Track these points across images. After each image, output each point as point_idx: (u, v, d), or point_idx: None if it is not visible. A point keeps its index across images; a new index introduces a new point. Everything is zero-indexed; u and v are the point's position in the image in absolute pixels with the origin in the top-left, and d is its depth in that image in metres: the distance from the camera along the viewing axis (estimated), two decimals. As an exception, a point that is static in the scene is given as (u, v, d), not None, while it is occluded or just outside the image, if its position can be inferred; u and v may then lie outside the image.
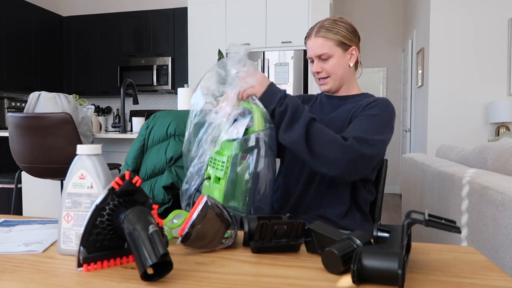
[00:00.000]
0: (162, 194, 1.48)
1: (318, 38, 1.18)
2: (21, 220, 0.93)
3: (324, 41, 1.17)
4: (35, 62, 5.22)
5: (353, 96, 1.23)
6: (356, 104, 1.18)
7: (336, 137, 1.01)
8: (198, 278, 0.59)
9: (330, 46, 1.17)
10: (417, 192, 1.92)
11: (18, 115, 2.12)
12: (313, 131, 1.00)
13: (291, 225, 0.71)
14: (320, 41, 1.17)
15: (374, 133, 1.06)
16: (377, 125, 1.08)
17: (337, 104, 1.23)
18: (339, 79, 1.20)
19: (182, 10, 5.14)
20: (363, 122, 1.09)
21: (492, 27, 3.88)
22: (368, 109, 1.12)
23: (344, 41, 1.18)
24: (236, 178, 0.98)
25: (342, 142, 1.00)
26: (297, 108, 1.02)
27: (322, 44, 1.17)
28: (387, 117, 1.12)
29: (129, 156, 1.57)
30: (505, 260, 0.99)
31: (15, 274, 0.61)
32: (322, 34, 1.17)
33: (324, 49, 1.17)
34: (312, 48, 1.19)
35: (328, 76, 1.20)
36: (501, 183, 1.07)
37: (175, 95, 5.49)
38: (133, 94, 2.93)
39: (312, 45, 1.19)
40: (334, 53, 1.17)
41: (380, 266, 0.56)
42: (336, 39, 1.17)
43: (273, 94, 1.03)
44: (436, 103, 4.04)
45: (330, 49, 1.17)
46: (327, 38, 1.17)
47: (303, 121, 1.01)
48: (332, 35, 1.17)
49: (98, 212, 0.63)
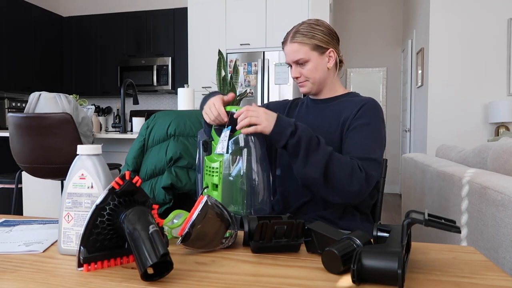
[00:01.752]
0: (162, 194, 1.48)
1: (293, 44, 1.18)
2: (21, 220, 0.93)
3: (300, 46, 1.17)
4: (35, 62, 5.22)
5: (338, 97, 1.24)
6: (344, 106, 1.18)
7: (353, 171, 1.02)
8: (198, 278, 0.59)
9: (305, 51, 1.17)
10: (417, 192, 1.92)
11: (19, 115, 2.12)
12: (331, 167, 1.01)
13: (291, 225, 0.71)
14: (295, 47, 1.17)
15: (375, 147, 1.09)
16: (374, 135, 1.11)
17: (323, 107, 1.23)
18: (317, 82, 1.21)
19: (182, 10, 5.14)
20: (361, 136, 1.10)
21: (492, 27, 3.88)
22: (360, 117, 1.13)
23: (320, 45, 1.17)
24: (231, 181, 0.98)
25: (360, 175, 1.02)
26: (311, 140, 1.00)
27: (297, 50, 1.17)
28: (380, 122, 1.14)
29: (129, 156, 1.57)
30: (504, 259, 0.99)
31: (15, 274, 0.61)
32: (297, 39, 1.17)
33: (300, 54, 1.17)
34: (289, 54, 1.20)
35: (306, 80, 1.20)
36: (500, 183, 1.07)
37: (175, 95, 5.49)
38: (133, 94, 2.93)
39: (289, 51, 1.19)
40: (311, 57, 1.17)
41: (380, 266, 0.56)
42: (311, 43, 1.17)
43: (283, 130, 1.00)
44: (436, 103, 4.04)
45: (305, 54, 1.17)
46: (302, 43, 1.17)
47: (322, 156, 1.00)
48: (307, 40, 1.17)
49: (99, 212, 0.63)
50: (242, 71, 4.42)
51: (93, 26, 5.57)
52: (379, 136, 1.13)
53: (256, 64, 4.40)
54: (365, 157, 1.06)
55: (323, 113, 1.22)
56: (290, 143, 0.99)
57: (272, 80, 4.36)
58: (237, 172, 0.98)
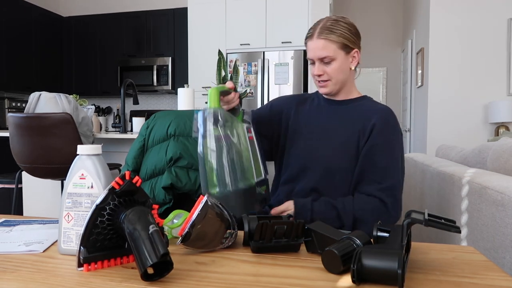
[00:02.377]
0: (163, 194, 1.48)
1: (320, 40, 1.11)
2: (21, 220, 0.93)
3: (327, 43, 1.11)
4: (35, 62, 5.22)
5: (353, 101, 1.21)
6: (359, 112, 1.17)
7: (379, 216, 1.06)
8: (198, 278, 0.59)
9: (333, 49, 1.11)
10: (417, 192, 1.92)
11: (19, 115, 2.12)
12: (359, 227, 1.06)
13: (291, 225, 0.71)
14: (322, 43, 1.11)
15: (396, 168, 1.11)
16: (394, 155, 1.12)
17: (337, 109, 1.20)
18: (340, 82, 1.16)
19: (182, 10, 5.14)
20: (380, 159, 1.11)
21: (492, 27, 3.88)
22: (379, 134, 1.12)
23: (347, 44, 1.13)
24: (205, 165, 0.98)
25: (385, 214, 1.07)
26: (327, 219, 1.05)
27: (324, 47, 1.11)
28: (399, 137, 1.15)
29: (129, 156, 1.57)
30: (504, 259, 0.99)
31: (15, 274, 0.61)
32: (325, 35, 1.11)
33: (327, 52, 1.11)
34: (314, 50, 1.13)
35: (328, 79, 1.15)
36: (500, 183, 1.07)
37: (175, 95, 5.49)
38: (133, 94, 2.93)
39: (314, 47, 1.13)
40: (337, 56, 1.12)
41: (380, 266, 0.56)
42: (339, 42, 1.11)
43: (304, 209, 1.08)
44: (435, 103, 4.04)
45: (333, 52, 1.11)
46: (330, 40, 1.11)
47: (346, 222, 1.07)
48: (335, 37, 1.11)
49: (99, 212, 0.63)
50: (242, 71, 4.42)
51: (93, 26, 5.57)
52: (399, 153, 1.13)
53: (256, 64, 4.40)
54: (386, 186, 1.08)
55: (337, 115, 1.18)
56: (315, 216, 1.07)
57: (272, 80, 4.36)
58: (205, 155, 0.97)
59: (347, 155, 1.12)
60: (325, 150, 1.14)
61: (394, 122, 1.14)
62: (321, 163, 1.14)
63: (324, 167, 1.13)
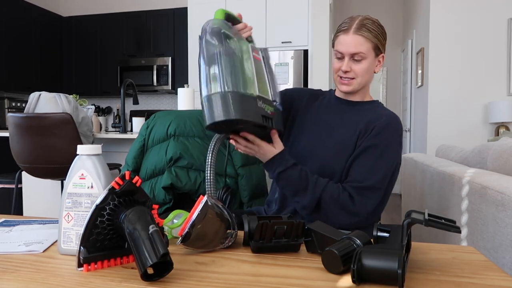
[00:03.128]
0: (163, 194, 1.48)
1: (358, 36, 1.10)
2: (21, 220, 0.93)
3: (364, 41, 1.10)
4: (35, 62, 5.22)
5: (363, 104, 1.20)
6: (367, 114, 1.15)
7: (342, 208, 1.05)
8: (198, 278, 0.59)
9: (368, 47, 1.11)
10: (417, 192, 1.92)
11: (19, 115, 2.12)
12: (323, 209, 1.06)
13: (291, 225, 0.71)
14: (359, 40, 1.10)
15: (381, 171, 1.08)
16: (384, 158, 1.09)
17: (345, 109, 1.20)
18: (363, 83, 1.16)
19: (182, 10, 5.14)
20: (368, 158, 1.08)
21: (492, 27, 3.88)
22: (376, 136, 1.10)
23: (379, 46, 1.13)
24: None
25: (351, 209, 1.05)
26: (299, 185, 1.05)
27: (361, 43, 1.10)
28: (396, 144, 1.11)
29: (129, 156, 1.57)
30: (504, 259, 0.99)
31: (15, 274, 0.61)
32: (363, 33, 1.10)
33: (362, 48, 1.10)
34: (348, 45, 1.11)
35: (354, 77, 1.14)
36: (500, 183, 1.07)
37: (175, 95, 5.49)
38: (133, 94, 2.93)
39: (349, 42, 1.10)
40: (368, 56, 1.11)
41: (380, 266, 0.56)
42: (374, 42, 1.11)
43: (273, 169, 1.06)
44: (436, 103, 4.04)
45: (366, 50, 1.10)
46: (367, 38, 1.10)
47: (310, 198, 1.05)
48: (372, 37, 1.10)
49: (99, 212, 0.63)
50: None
51: (93, 26, 5.57)
52: (390, 159, 1.09)
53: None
54: (363, 186, 1.06)
55: (344, 115, 1.18)
56: (279, 181, 1.06)
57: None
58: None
59: (344, 155, 1.11)
60: (323, 147, 1.14)
61: (395, 128, 1.12)
62: (318, 160, 1.14)
63: (319, 166, 1.13)
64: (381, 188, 1.07)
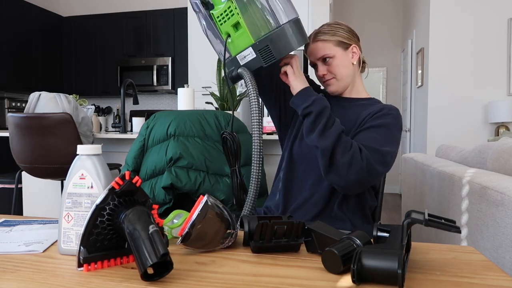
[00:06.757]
0: (163, 194, 1.48)
1: (316, 43, 1.20)
2: (21, 220, 0.93)
3: (323, 43, 1.19)
4: (35, 62, 5.22)
5: (360, 100, 1.22)
6: (364, 109, 1.16)
7: (353, 158, 1.00)
8: (198, 278, 0.59)
9: (329, 47, 1.18)
10: (417, 192, 1.92)
11: (19, 115, 2.12)
12: (338, 148, 1.01)
13: (291, 225, 0.71)
14: (319, 45, 1.19)
15: (386, 143, 1.06)
16: (388, 135, 1.08)
17: (343, 105, 1.22)
18: (344, 78, 1.20)
19: (182, 10, 5.14)
20: (374, 132, 1.07)
21: (492, 27, 3.88)
22: (378, 117, 1.10)
23: (342, 40, 1.19)
24: (246, 3, 0.96)
25: (360, 164, 1.00)
26: (329, 115, 1.03)
27: (321, 47, 1.19)
28: (397, 128, 1.11)
29: (129, 156, 1.57)
30: (504, 259, 0.99)
31: (15, 274, 0.61)
32: (319, 37, 1.19)
33: (324, 51, 1.18)
34: (313, 53, 1.21)
35: (333, 77, 1.20)
36: (500, 183, 1.07)
37: (175, 95, 5.49)
38: (133, 94, 2.93)
39: (312, 50, 1.21)
40: (335, 53, 1.18)
41: (380, 266, 0.56)
42: (334, 40, 1.18)
43: (304, 98, 1.05)
44: (436, 103, 4.04)
45: (330, 49, 1.18)
46: (325, 40, 1.19)
47: (335, 130, 1.01)
48: (329, 37, 1.18)
49: (99, 212, 0.63)
50: (242, 71, 4.41)
51: (93, 26, 5.57)
52: (393, 138, 1.09)
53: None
54: (373, 147, 1.03)
55: (342, 111, 1.19)
56: (316, 104, 1.04)
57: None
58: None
59: None
60: None
61: (395, 115, 1.12)
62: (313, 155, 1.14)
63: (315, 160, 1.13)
64: (385, 155, 1.04)
